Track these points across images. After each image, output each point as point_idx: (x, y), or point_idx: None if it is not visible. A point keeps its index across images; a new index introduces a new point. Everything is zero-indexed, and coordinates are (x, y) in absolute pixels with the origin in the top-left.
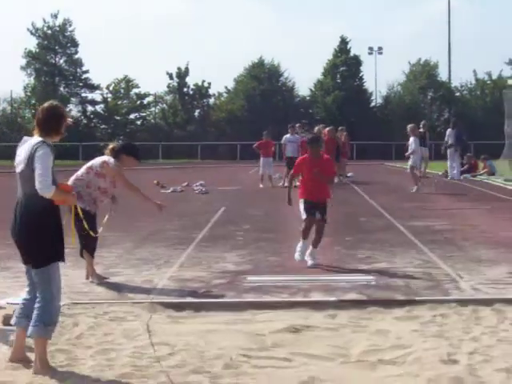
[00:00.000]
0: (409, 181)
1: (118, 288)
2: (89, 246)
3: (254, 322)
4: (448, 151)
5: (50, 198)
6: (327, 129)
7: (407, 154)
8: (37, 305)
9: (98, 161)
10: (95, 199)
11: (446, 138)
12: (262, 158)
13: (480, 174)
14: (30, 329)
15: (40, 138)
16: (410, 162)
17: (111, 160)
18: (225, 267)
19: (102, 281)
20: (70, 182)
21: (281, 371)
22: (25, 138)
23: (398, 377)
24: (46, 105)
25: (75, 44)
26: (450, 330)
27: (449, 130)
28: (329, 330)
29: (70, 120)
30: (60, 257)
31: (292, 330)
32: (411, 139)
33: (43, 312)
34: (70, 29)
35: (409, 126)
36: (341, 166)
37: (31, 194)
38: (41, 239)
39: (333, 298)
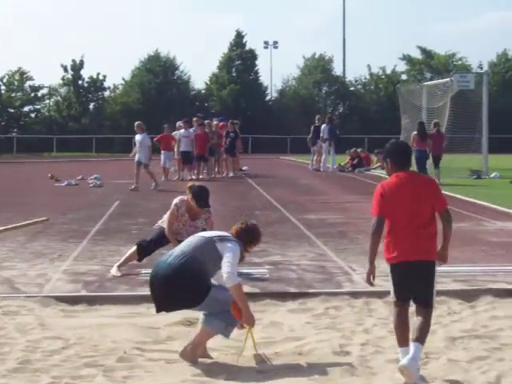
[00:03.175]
0: (303, 174)
1: (10, 282)
2: None
3: (149, 316)
4: (323, 145)
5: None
6: (214, 122)
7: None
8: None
9: None
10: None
11: (321, 133)
12: (162, 152)
13: (374, 168)
14: (211, 321)
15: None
16: (142, 160)
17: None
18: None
19: None
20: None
21: (175, 364)
22: None
23: (291, 368)
24: (250, 222)
25: None
26: (342, 322)
27: (323, 126)
28: None
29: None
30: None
31: (186, 323)
32: (140, 136)
33: (226, 315)
34: None
35: (136, 124)
36: (234, 160)
37: (199, 261)
38: (200, 284)
39: None
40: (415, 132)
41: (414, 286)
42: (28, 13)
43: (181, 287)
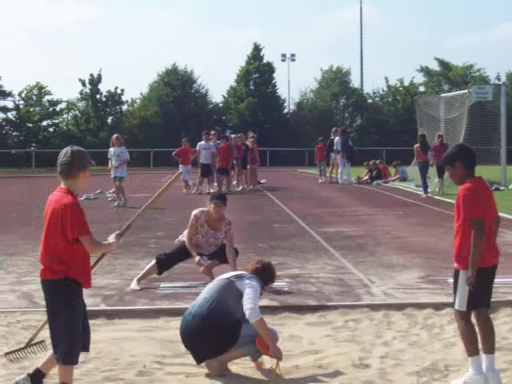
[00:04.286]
0: (321, 186)
1: (30, 296)
2: None
3: (168, 329)
4: (338, 157)
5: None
6: (233, 136)
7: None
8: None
9: None
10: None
11: (334, 146)
12: (180, 166)
13: (392, 180)
14: (246, 345)
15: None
16: (118, 174)
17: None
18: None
19: None
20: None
21: (194, 378)
22: None
23: (311, 382)
24: (265, 261)
25: None
26: (361, 335)
27: (336, 138)
28: None
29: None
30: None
31: None
32: (118, 149)
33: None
34: None
35: (114, 136)
36: (252, 173)
37: (224, 304)
38: (231, 326)
39: None
40: (417, 144)
41: (490, 289)
42: (45, 28)
43: (214, 334)
